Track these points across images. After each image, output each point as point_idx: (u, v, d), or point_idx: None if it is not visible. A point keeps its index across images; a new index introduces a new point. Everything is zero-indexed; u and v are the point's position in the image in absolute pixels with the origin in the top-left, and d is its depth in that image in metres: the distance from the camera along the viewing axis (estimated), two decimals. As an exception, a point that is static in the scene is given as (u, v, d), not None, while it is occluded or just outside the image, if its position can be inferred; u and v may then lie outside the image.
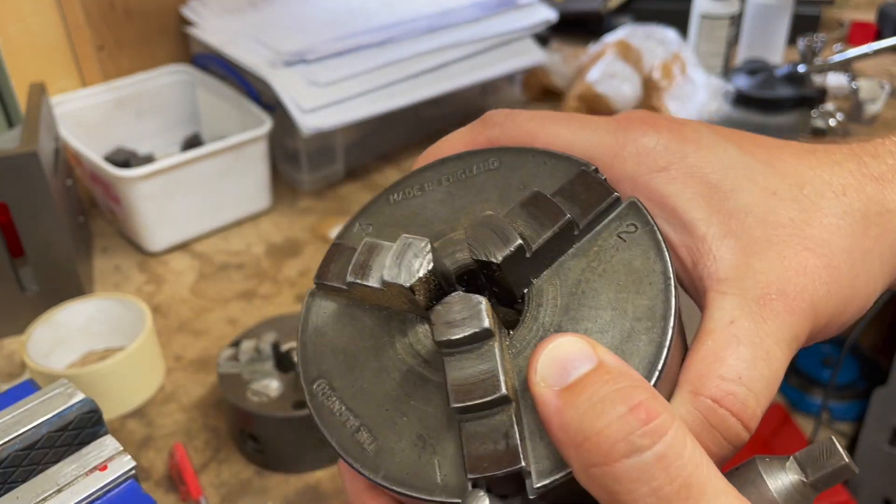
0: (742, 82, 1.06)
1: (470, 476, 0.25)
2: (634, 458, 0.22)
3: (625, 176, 0.31)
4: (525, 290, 0.29)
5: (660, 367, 0.26)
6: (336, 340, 0.31)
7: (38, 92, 0.83)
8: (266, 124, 0.91)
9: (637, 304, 0.27)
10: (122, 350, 0.68)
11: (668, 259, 0.28)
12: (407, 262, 0.27)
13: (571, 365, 0.23)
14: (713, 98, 1.07)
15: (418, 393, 0.28)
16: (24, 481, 0.53)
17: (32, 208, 0.74)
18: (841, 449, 0.26)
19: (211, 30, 1.03)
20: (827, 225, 0.29)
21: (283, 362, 0.65)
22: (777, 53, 1.25)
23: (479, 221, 0.28)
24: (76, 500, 0.53)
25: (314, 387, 0.30)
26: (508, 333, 0.28)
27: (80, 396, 0.56)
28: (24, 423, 0.53)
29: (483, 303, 0.26)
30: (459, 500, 0.26)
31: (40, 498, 0.52)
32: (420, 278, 0.27)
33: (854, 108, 1.17)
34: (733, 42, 1.24)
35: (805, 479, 0.26)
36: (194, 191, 0.89)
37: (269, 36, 0.99)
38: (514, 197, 0.30)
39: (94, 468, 0.55)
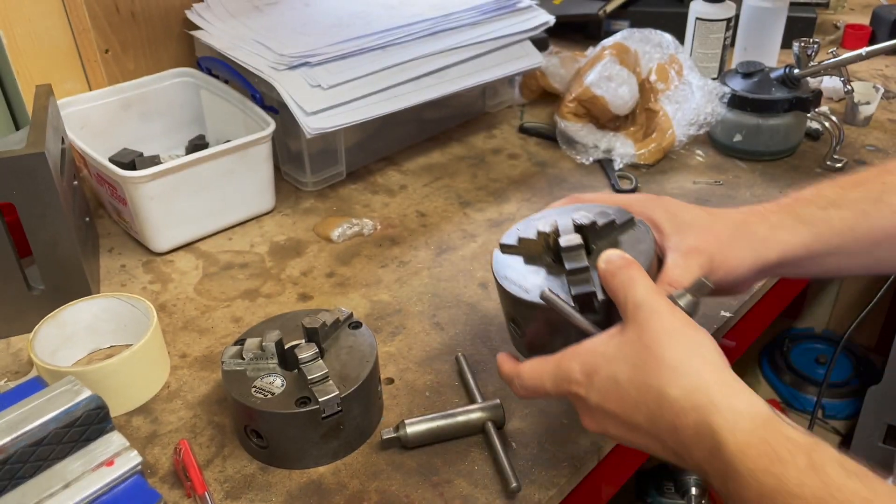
0: (737, 85, 1.07)
1: (573, 292, 0.56)
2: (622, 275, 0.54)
3: (638, 212, 0.63)
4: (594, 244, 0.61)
5: (647, 264, 0.56)
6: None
7: (45, 93, 0.84)
8: (270, 126, 0.92)
9: (639, 249, 0.59)
10: (127, 348, 0.70)
11: (652, 238, 0.60)
12: (542, 226, 0.62)
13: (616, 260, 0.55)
14: (709, 100, 1.08)
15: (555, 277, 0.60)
16: (31, 477, 0.54)
17: (39, 208, 0.75)
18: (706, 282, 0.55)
19: (215, 33, 1.04)
20: (721, 227, 0.61)
21: (286, 360, 0.66)
22: (772, 56, 1.26)
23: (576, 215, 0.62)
24: (83, 495, 0.54)
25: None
26: (589, 254, 0.59)
27: (86, 393, 0.57)
28: (32, 420, 0.55)
29: (579, 238, 0.58)
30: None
31: (48, 493, 0.54)
32: (548, 232, 0.61)
33: (848, 111, 1.18)
34: (729, 45, 1.25)
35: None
36: (199, 192, 0.90)
37: (272, 39, 1.01)
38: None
39: (101, 464, 0.56)
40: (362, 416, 0.66)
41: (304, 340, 0.67)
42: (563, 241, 0.58)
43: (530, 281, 0.59)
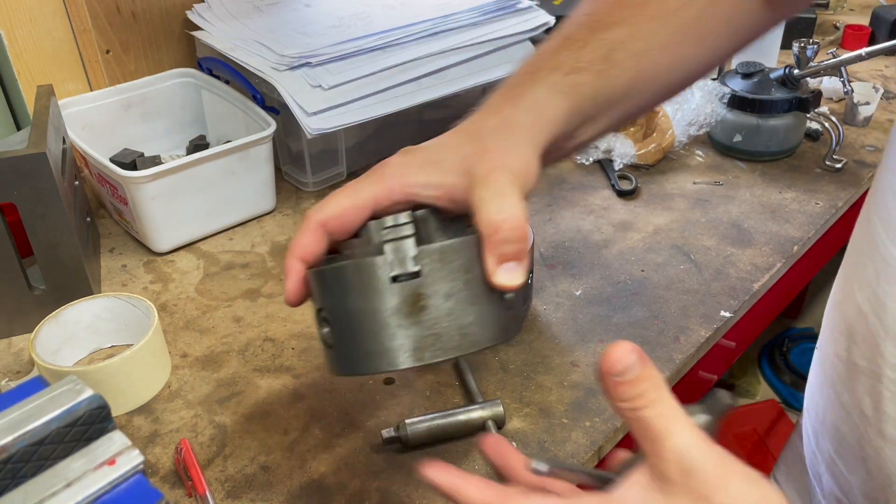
0: (737, 85, 1.07)
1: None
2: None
3: (394, 186, 0.50)
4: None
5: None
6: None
7: (46, 94, 0.84)
8: (270, 127, 0.92)
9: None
10: (129, 348, 0.70)
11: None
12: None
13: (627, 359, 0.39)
14: (708, 101, 1.08)
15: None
16: (33, 476, 0.54)
17: (41, 208, 0.75)
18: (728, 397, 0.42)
19: (216, 34, 1.04)
20: (476, 137, 0.51)
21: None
22: (772, 57, 1.26)
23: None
24: (85, 495, 0.54)
25: None
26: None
27: (88, 393, 0.57)
28: (33, 420, 0.55)
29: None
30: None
31: (49, 493, 0.54)
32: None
33: (848, 111, 1.18)
34: (730, 45, 1.25)
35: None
36: (200, 192, 0.90)
37: (273, 40, 1.01)
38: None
39: (103, 463, 0.56)
40: (462, 305, 0.46)
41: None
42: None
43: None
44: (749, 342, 1.05)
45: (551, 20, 1.13)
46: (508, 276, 0.46)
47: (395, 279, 0.45)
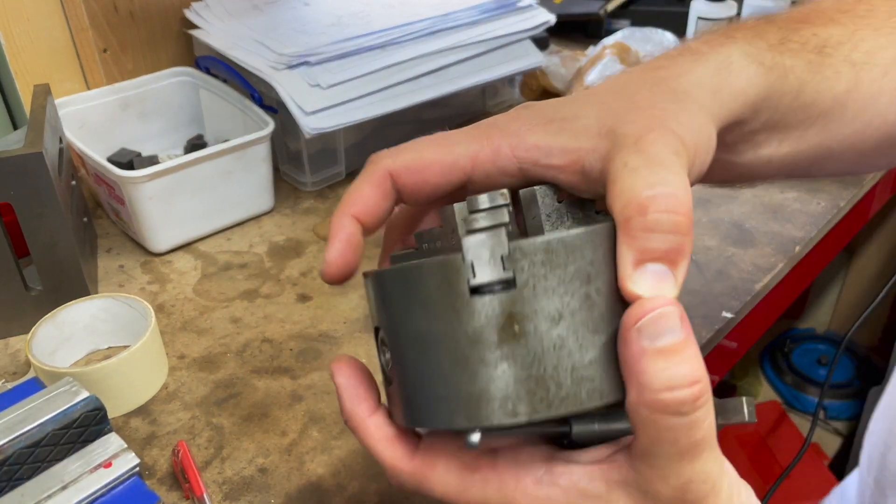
0: (739, 85, 1.07)
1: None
2: (675, 418, 0.30)
3: (503, 145, 0.36)
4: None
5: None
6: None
7: (43, 93, 0.84)
8: (269, 126, 0.92)
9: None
10: (126, 349, 0.69)
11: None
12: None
13: (664, 329, 0.30)
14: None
15: None
16: (29, 478, 0.54)
17: (37, 208, 0.75)
18: (745, 409, 0.35)
19: (214, 32, 1.04)
20: (636, 93, 0.36)
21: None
22: (775, 56, 1.25)
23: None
24: (81, 497, 0.54)
25: None
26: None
27: (84, 394, 0.57)
28: (30, 421, 0.54)
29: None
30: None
31: (45, 495, 0.53)
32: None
33: (851, 111, 1.18)
34: (731, 44, 1.25)
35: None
36: (198, 192, 0.90)
37: (271, 39, 1.00)
38: None
39: (99, 465, 0.56)
40: (580, 333, 0.32)
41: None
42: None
43: None
44: (751, 343, 1.04)
45: (552, 19, 1.13)
46: (652, 283, 0.30)
47: (477, 290, 0.31)
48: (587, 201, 0.36)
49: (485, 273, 0.31)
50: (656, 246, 0.30)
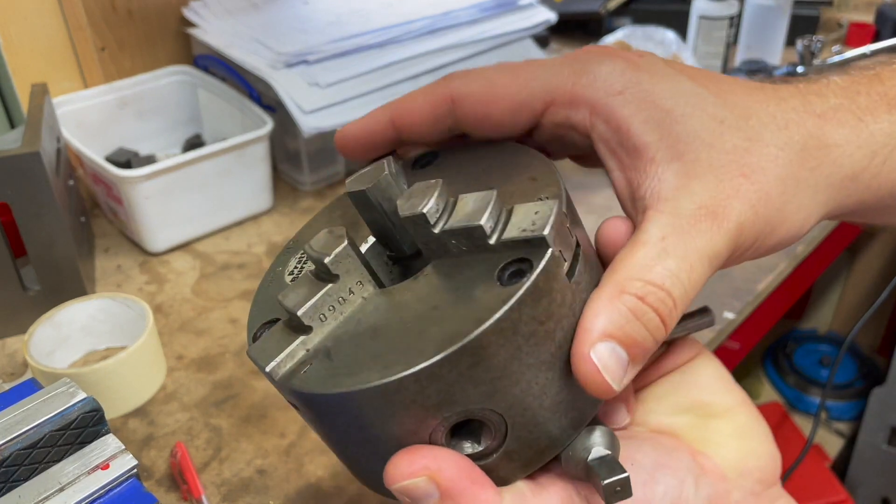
0: (741, 83, 1.07)
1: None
2: None
3: (584, 101, 0.32)
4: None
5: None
6: None
7: (40, 92, 0.83)
8: (267, 125, 0.91)
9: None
10: (123, 349, 0.69)
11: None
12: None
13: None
14: (712, 99, 1.07)
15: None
16: (26, 480, 0.54)
17: (34, 208, 0.74)
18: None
19: (212, 31, 1.04)
20: (766, 154, 0.31)
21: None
22: (776, 54, 1.25)
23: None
24: (78, 499, 0.53)
25: None
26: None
27: (82, 395, 0.56)
28: (27, 422, 0.54)
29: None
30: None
31: (42, 497, 0.53)
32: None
33: (852, 110, 1.17)
34: (732, 43, 1.24)
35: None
36: (196, 191, 0.89)
37: (270, 37, 1.00)
38: None
39: (96, 467, 0.55)
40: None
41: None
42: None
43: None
44: (753, 343, 1.04)
45: (552, 17, 1.12)
46: (611, 364, 0.28)
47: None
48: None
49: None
50: (634, 336, 0.29)
